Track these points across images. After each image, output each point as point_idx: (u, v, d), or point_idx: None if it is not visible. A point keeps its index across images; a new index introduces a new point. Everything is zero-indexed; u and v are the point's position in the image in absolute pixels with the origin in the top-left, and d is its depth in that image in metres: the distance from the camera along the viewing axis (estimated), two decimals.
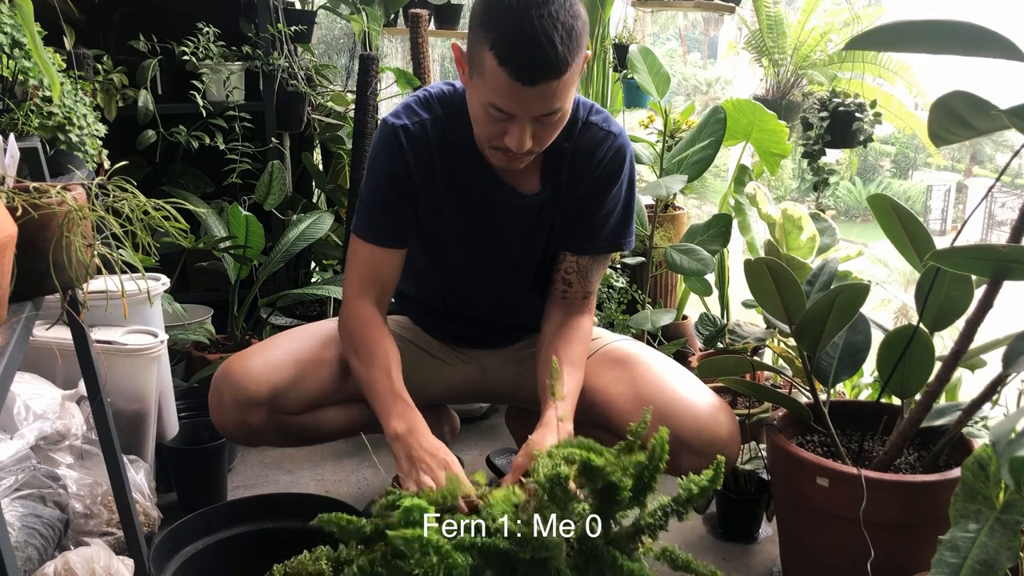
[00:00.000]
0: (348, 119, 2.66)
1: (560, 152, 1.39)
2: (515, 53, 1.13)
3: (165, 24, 2.41)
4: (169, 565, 1.30)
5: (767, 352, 2.03)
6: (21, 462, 1.33)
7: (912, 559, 1.26)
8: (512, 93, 1.17)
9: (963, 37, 0.89)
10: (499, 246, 1.48)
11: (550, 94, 1.18)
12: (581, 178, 1.43)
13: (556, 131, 1.28)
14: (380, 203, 1.42)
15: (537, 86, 1.15)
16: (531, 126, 1.23)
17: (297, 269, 2.67)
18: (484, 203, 1.43)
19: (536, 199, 1.44)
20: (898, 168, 15.85)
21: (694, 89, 15.44)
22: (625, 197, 1.47)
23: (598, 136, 1.41)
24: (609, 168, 1.43)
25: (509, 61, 1.14)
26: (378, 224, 1.42)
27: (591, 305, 1.50)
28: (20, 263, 0.90)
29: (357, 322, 1.41)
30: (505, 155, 1.29)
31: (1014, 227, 1.13)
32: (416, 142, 1.39)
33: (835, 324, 1.34)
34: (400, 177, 1.40)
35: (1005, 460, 0.83)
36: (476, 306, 1.57)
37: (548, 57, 1.13)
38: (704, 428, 1.36)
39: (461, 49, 1.29)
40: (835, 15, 3.98)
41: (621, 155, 1.43)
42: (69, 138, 1.28)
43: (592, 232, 1.46)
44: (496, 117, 1.22)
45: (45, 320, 1.27)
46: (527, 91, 1.16)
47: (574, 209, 1.45)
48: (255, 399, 1.40)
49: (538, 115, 1.21)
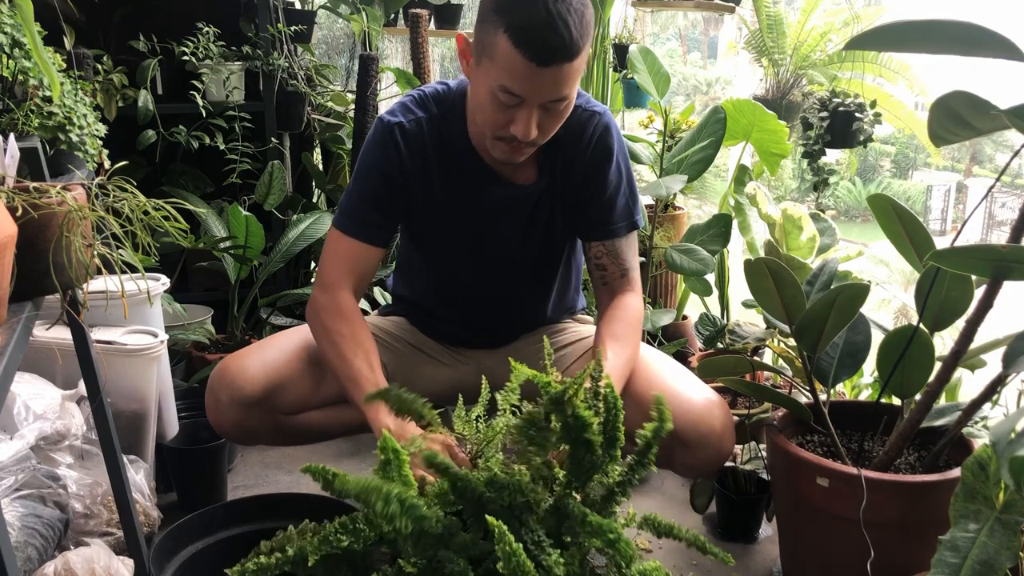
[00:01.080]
0: (348, 119, 2.66)
1: (553, 139, 1.39)
2: (531, 34, 1.16)
3: (165, 24, 2.41)
4: (169, 565, 1.30)
5: (767, 352, 2.03)
6: (21, 462, 1.33)
7: (912, 559, 1.26)
8: (525, 74, 1.18)
9: (963, 37, 0.89)
10: (495, 242, 1.48)
11: (561, 78, 1.20)
12: (573, 162, 1.43)
13: (560, 121, 1.29)
14: (370, 200, 1.41)
15: (550, 67, 1.18)
16: (537, 114, 1.24)
17: (297, 269, 2.67)
18: (480, 199, 1.43)
19: (533, 189, 1.44)
20: (898, 168, 15.87)
21: (694, 89, 15.45)
22: (625, 173, 1.48)
23: (583, 117, 1.42)
24: (599, 146, 1.43)
25: (524, 42, 1.16)
26: (365, 221, 1.41)
27: (633, 282, 1.50)
28: (20, 263, 0.90)
29: (339, 311, 1.38)
30: (508, 145, 1.29)
31: (1014, 227, 1.13)
32: (412, 140, 1.39)
33: (835, 324, 1.34)
34: (394, 177, 1.40)
35: (1005, 460, 0.83)
36: (472, 305, 1.57)
37: (563, 39, 1.16)
38: (699, 421, 1.36)
39: (467, 40, 1.30)
40: (835, 15, 3.98)
41: (607, 132, 1.44)
42: (69, 138, 1.28)
43: (604, 215, 1.46)
44: (504, 103, 1.23)
45: (45, 320, 1.27)
46: (540, 73, 1.18)
47: (572, 194, 1.45)
48: (251, 398, 1.39)
49: (547, 101, 1.23)
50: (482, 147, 1.40)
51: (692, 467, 1.43)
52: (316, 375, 1.45)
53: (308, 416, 1.47)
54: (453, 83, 1.44)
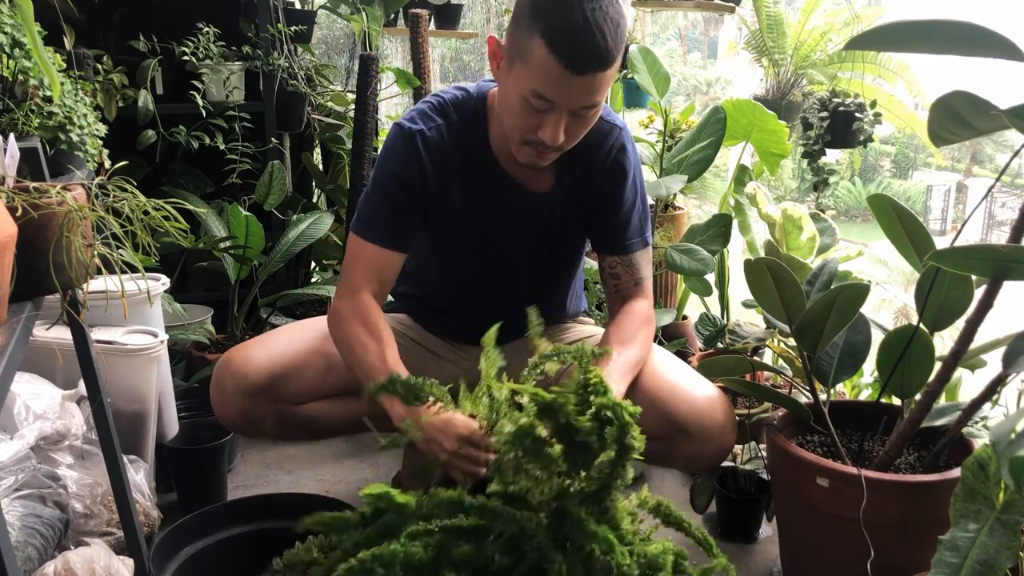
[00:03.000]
0: (348, 119, 2.66)
1: (572, 149, 1.40)
2: (568, 40, 1.16)
3: (165, 24, 2.41)
4: (169, 565, 1.30)
5: (767, 352, 2.03)
6: (21, 462, 1.33)
7: (912, 559, 1.26)
8: (560, 80, 1.18)
9: (963, 37, 0.89)
10: (508, 247, 1.49)
11: (594, 86, 1.20)
12: (591, 173, 1.44)
13: (587, 128, 1.30)
14: (390, 206, 1.42)
15: (585, 75, 1.18)
16: (566, 119, 1.24)
17: (297, 269, 2.67)
18: (496, 205, 1.44)
19: (551, 197, 1.45)
20: (898, 168, 15.88)
21: (694, 89, 15.47)
22: (640, 189, 1.50)
23: (603, 129, 1.43)
24: (618, 157, 1.44)
25: (561, 48, 1.16)
26: (387, 227, 1.42)
27: (645, 289, 1.51)
28: (20, 263, 0.90)
29: (364, 321, 1.36)
30: (535, 150, 1.30)
31: (1014, 227, 1.13)
32: (433, 147, 1.40)
33: (835, 324, 1.34)
34: (413, 182, 1.41)
35: (1005, 460, 0.83)
36: (480, 305, 1.57)
37: (599, 47, 1.16)
38: (702, 414, 1.37)
39: (498, 42, 1.30)
40: (835, 15, 3.98)
41: (626, 147, 1.46)
42: (70, 138, 1.28)
43: (619, 231, 1.48)
44: (536, 107, 1.23)
45: (45, 320, 1.27)
46: (574, 80, 1.18)
47: (588, 206, 1.47)
48: (256, 386, 1.40)
49: (577, 107, 1.23)
50: (501, 153, 1.41)
51: (694, 460, 1.43)
52: (321, 365, 1.46)
53: (313, 407, 1.48)
54: (472, 88, 1.44)
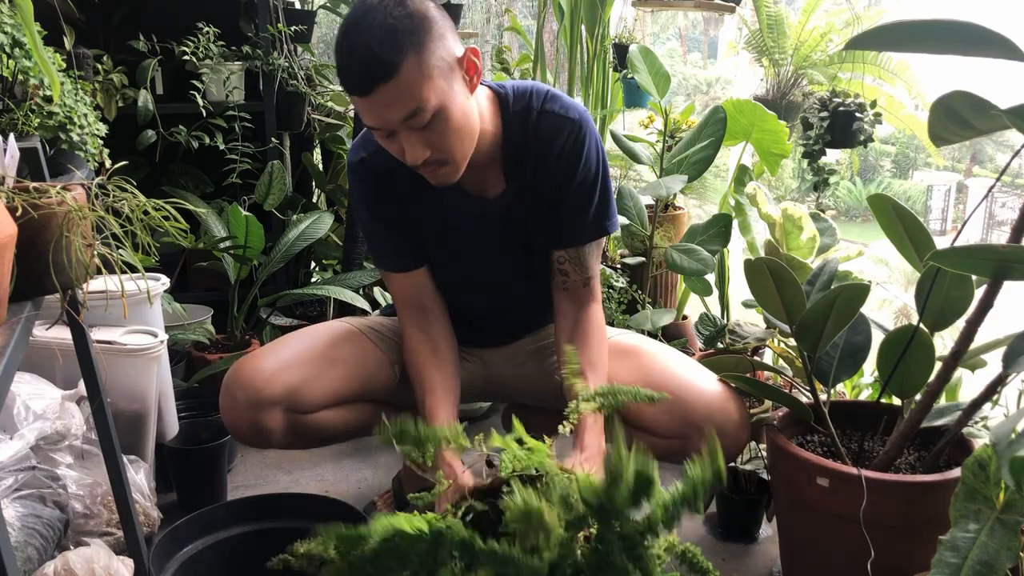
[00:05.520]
0: (348, 119, 2.66)
1: (521, 146, 1.38)
2: (344, 68, 1.18)
3: (165, 24, 2.41)
4: (169, 565, 1.30)
5: (767, 352, 2.03)
6: (21, 462, 1.33)
7: (912, 559, 1.26)
8: (363, 106, 1.20)
9: (963, 37, 0.88)
10: (480, 252, 1.49)
11: (392, 98, 1.16)
12: (542, 169, 1.39)
13: (450, 134, 1.23)
14: (381, 233, 1.47)
15: (374, 93, 1.16)
16: (414, 136, 1.21)
17: (297, 269, 2.67)
18: (452, 215, 1.44)
19: (502, 201, 1.42)
20: (898, 168, 15.88)
21: (694, 89, 15.47)
22: (599, 181, 1.42)
23: (554, 124, 1.37)
24: (571, 155, 1.38)
25: (343, 78, 1.19)
26: (396, 250, 1.47)
27: (595, 291, 1.48)
28: (20, 263, 0.90)
29: (406, 354, 1.49)
30: (426, 170, 1.28)
31: (1014, 227, 1.13)
32: (377, 171, 1.42)
33: (835, 324, 1.33)
34: (376, 208, 1.45)
35: (1005, 460, 0.83)
36: (472, 311, 1.58)
37: (367, 64, 1.15)
38: (717, 411, 1.38)
39: None
40: (835, 15, 3.98)
41: (581, 139, 1.38)
42: (70, 138, 1.28)
43: (571, 222, 1.43)
44: (382, 136, 1.25)
45: (45, 320, 1.27)
46: (371, 101, 1.18)
47: (547, 202, 1.42)
48: (269, 399, 1.39)
49: (402, 121, 1.19)
50: None
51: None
52: (330, 373, 1.46)
53: (324, 415, 1.47)
54: None
